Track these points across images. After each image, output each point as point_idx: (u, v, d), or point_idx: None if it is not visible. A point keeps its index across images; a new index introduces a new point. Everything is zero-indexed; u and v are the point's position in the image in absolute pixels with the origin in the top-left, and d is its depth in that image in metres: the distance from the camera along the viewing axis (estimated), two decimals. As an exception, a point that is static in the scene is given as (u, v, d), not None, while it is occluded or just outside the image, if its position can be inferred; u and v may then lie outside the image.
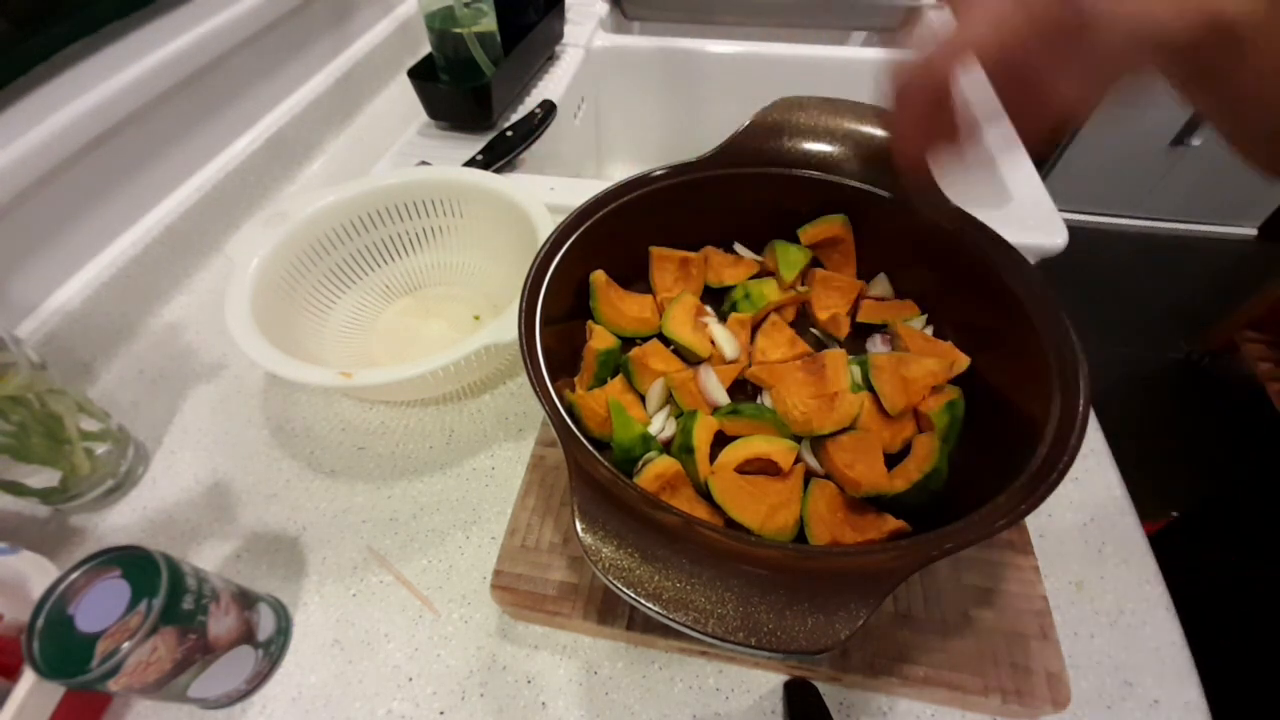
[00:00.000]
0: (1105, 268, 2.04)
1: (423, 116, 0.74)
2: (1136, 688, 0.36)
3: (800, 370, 0.41)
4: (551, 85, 0.82)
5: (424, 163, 0.67)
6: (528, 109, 0.74)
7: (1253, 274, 1.98)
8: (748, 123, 0.45)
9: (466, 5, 0.67)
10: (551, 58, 0.86)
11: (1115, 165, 1.99)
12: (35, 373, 0.40)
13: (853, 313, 0.45)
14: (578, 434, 0.30)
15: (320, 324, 0.52)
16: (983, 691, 0.33)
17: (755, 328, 0.45)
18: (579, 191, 0.58)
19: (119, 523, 0.44)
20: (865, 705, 0.35)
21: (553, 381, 0.34)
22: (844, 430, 0.37)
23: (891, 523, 0.34)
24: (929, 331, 0.43)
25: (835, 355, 0.40)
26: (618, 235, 0.43)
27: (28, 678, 0.30)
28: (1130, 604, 0.39)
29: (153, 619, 0.28)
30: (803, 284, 0.46)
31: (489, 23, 0.69)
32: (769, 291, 0.44)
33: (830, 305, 0.45)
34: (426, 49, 0.72)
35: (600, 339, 0.41)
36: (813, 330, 0.46)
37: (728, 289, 0.46)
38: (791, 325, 0.45)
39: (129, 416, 0.49)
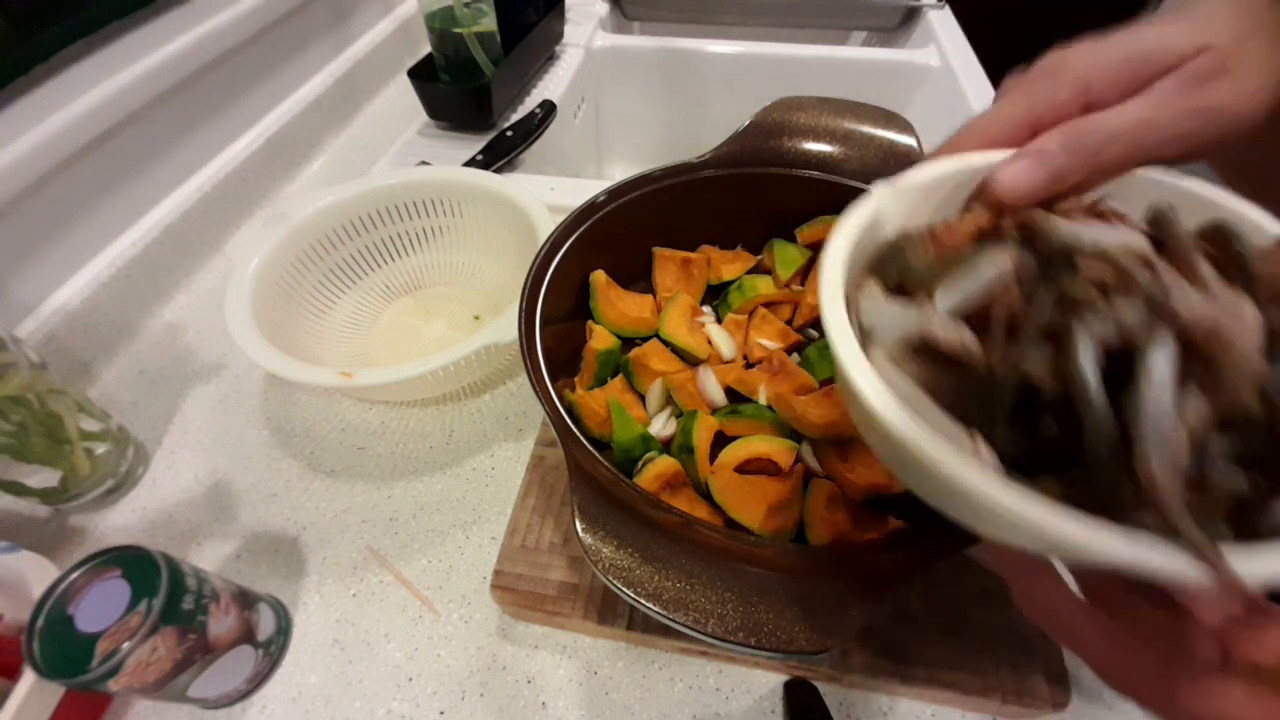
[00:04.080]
0: (1105, 268, 2.03)
1: (423, 116, 0.74)
2: (1136, 688, 0.36)
3: (766, 373, 0.41)
4: (551, 85, 0.82)
5: (424, 163, 0.67)
6: (528, 109, 0.74)
7: (1253, 274, 1.97)
8: (748, 123, 0.45)
9: (466, 5, 0.67)
10: (551, 58, 0.86)
11: (1115, 165, 1.98)
12: (35, 373, 0.40)
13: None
14: (578, 434, 0.30)
15: (320, 324, 0.52)
16: (983, 691, 0.33)
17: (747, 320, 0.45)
18: (579, 191, 0.58)
19: (119, 523, 0.44)
20: (865, 705, 0.35)
21: (553, 381, 0.34)
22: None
23: (891, 523, 0.34)
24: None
25: (782, 355, 0.41)
26: (618, 235, 0.43)
27: (28, 678, 0.30)
28: (1130, 604, 0.39)
29: (153, 619, 0.28)
30: (800, 284, 0.46)
31: (489, 23, 0.69)
32: (761, 285, 0.44)
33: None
34: (426, 49, 0.72)
35: (600, 339, 0.41)
36: (812, 331, 0.46)
37: (727, 284, 0.46)
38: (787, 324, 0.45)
39: (129, 416, 0.49)
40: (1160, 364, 0.16)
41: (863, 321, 0.21)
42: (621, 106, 0.98)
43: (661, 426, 0.40)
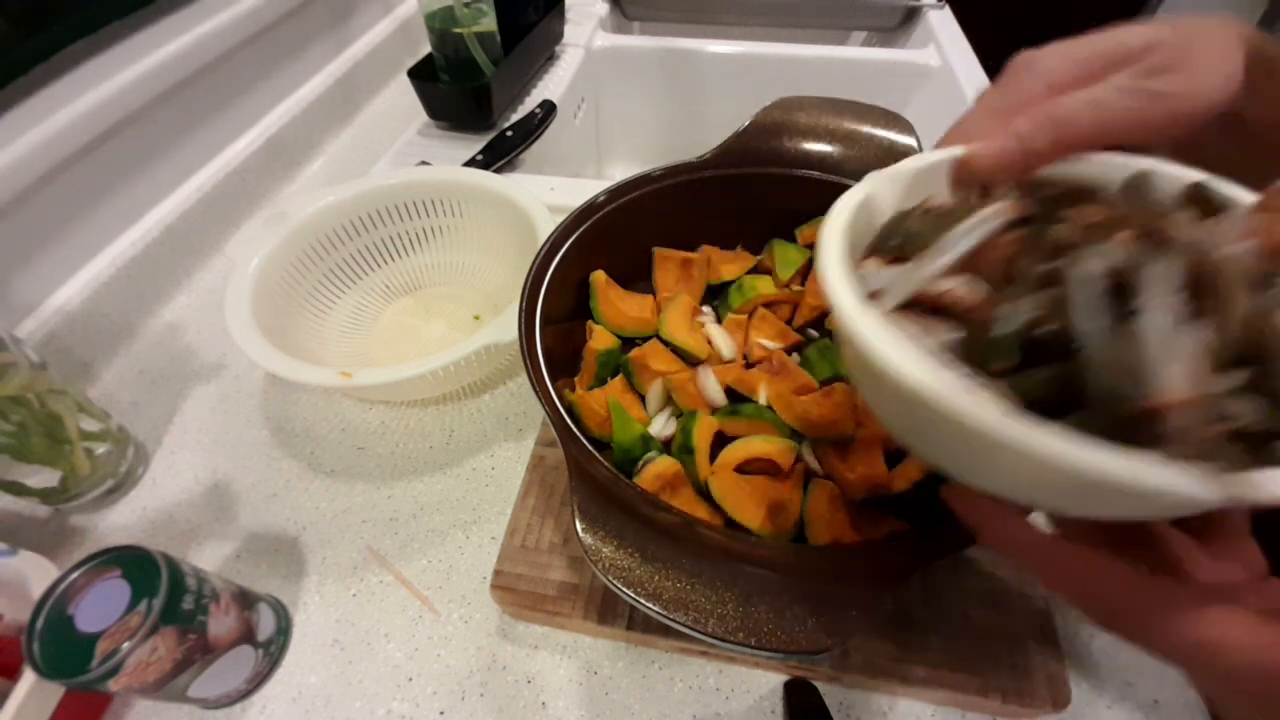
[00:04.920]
0: (1105, 268, 2.03)
1: (423, 116, 0.74)
2: (1136, 688, 0.36)
3: (766, 373, 0.41)
4: (551, 85, 0.82)
5: (424, 163, 0.67)
6: (528, 109, 0.74)
7: (1253, 274, 1.97)
8: (748, 123, 0.45)
9: (466, 5, 0.67)
10: (551, 58, 0.86)
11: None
12: (35, 373, 0.40)
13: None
14: (578, 434, 0.30)
15: (320, 324, 0.52)
16: (983, 692, 0.33)
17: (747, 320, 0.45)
18: (579, 191, 0.58)
19: (119, 523, 0.44)
20: (865, 705, 0.35)
21: (553, 381, 0.34)
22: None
23: (891, 523, 0.34)
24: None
25: (782, 355, 0.41)
26: (618, 235, 0.43)
27: (28, 678, 0.30)
28: (1130, 604, 0.39)
29: (153, 619, 0.28)
30: (800, 284, 0.46)
31: (489, 23, 0.69)
32: (761, 285, 0.44)
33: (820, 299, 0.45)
34: (426, 49, 0.72)
35: (600, 339, 0.41)
36: (812, 331, 0.46)
37: (727, 284, 0.46)
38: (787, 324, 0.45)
39: (129, 416, 0.49)
40: (1159, 285, 0.16)
41: (863, 289, 0.22)
42: (621, 106, 0.98)
43: (661, 426, 0.40)
